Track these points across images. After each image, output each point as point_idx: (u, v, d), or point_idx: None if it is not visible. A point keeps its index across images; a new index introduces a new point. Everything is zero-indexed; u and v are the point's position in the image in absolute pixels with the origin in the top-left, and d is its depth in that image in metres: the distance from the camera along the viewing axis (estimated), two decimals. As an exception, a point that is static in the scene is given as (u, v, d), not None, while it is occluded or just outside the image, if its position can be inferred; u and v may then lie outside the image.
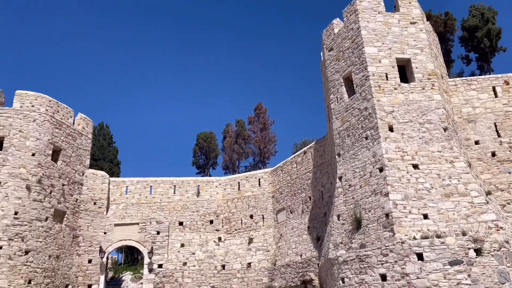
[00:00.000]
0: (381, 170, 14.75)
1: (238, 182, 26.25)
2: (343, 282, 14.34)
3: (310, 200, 21.69)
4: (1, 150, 20.11)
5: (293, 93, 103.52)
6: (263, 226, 24.59)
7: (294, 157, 24.05)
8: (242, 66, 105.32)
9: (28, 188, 19.83)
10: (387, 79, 16.37)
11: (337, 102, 18.09)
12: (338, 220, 15.91)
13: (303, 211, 22.10)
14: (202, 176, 40.07)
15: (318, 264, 18.98)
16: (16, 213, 19.14)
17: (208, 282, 23.52)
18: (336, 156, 17.43)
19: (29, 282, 18.72)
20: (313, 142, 22.86)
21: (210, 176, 43.13)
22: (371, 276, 13.35)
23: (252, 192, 25.68)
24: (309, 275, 19.31)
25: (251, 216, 25.01)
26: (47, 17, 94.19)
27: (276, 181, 25.15)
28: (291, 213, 23.06)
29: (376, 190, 14.54)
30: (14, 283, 18.14)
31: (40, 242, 19.73)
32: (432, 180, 14.26)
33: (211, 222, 25.34)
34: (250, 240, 24.36)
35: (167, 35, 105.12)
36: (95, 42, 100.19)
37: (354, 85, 17.23)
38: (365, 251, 13.74)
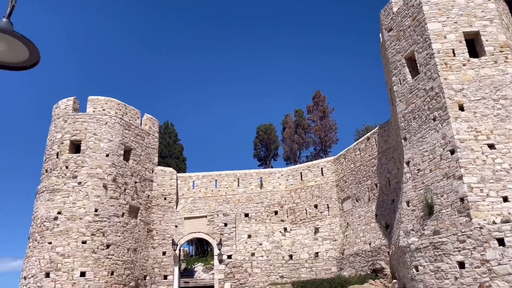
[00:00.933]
0: (452, 152, 13.95)
1: (300, 172, 26.18)
2: (417, 270, 13.84)
3: (376, 187, 21.11)
4: (79, 153, 21.76)
5: (352, 78, 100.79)
6: (329, 215, 24.36)
7: (357, 144, 23.49)
8: (297, 55, 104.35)
9: (105, 186, 21.30)
10: (454, 55, 15.39)
11: (400, 84, 17.35)
12: (408, 206, 15.34)
13: (369, 199, 21.57)
14: (264, 168, 40.52)
15: (388, 252, 18.47)
16: (96, 210, 20.66)
17: (276, 272, 23.82)
18: (402, 141, 16.77)
19: (112, 274, 20.17)
20: (376, 128, 22.16)
21: (271, 167, 43.45)
22: (447, 263, 12.75)
23: (315, 181, 25.49)
24: (379, 264, 18.87)
25: (316, 206, 24.87)
26: (107, 22, 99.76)
27: (339, 170, 24.75)
28: (357, 201, 22.60)
29: (448, 173, 13.79)
30: (99, 274, 19.65)
31: (119, 236, 21.15)
32: (511, 160, 13.25)
33: (276, 213, 25.56)
34: (316, 230, 24.25)
35: (221, 32, 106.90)
36: (155, 44, 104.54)
37: (418, 65, 16.41)
38: (440, 237, 13.13)
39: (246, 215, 25.49)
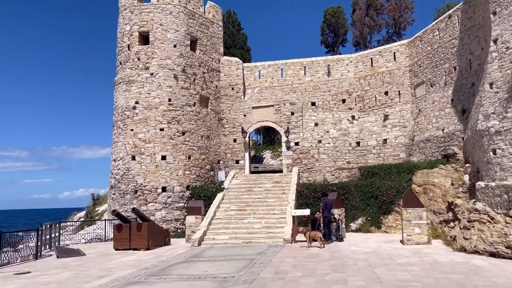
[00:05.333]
0: (552, 25, 12.18)
1: (371, 58, 24.84)
2: (494, 153, 13.29)
3: (455, 70, 19.55)
4: (148, 44, 22.22)
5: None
6: (399, 102, 23.49)
7: (437, 23, 21.30)
8: None
9: (175, 77, 22.00)
10: None
11: None
12: (491, 88, 14.18)
13: (445, 83, 20.21)
14: (331, 55, 38.96)
15: (462, 138, 17.79)
16: (169, 100, 21.74)
17: (343, 157, 24.32)
18: (491, 15, 14.85)
19: (189, 158, 21.92)
20: (460, 3, 19.71)
21: (339, 54, 41.62)
22: (529, 147, 12.04)
23: (387, 67, 24.18)
24: (452, 149, 18.36)
25: (386, 93, 23.98)
26: None
27: (414, 53, 23.05)
28: (431, 86, 21.33)
29: (544, 50, 12.24)
30: (178, 158, 21.44)
31: (192, 124, 22.40)
32: None
33: (344, 101, 25.15)
34: (385, 117, 23.74)
35: None
36: None
37: None
38: (524, 120, 12.22)
39: (313, 103, 25.41)
